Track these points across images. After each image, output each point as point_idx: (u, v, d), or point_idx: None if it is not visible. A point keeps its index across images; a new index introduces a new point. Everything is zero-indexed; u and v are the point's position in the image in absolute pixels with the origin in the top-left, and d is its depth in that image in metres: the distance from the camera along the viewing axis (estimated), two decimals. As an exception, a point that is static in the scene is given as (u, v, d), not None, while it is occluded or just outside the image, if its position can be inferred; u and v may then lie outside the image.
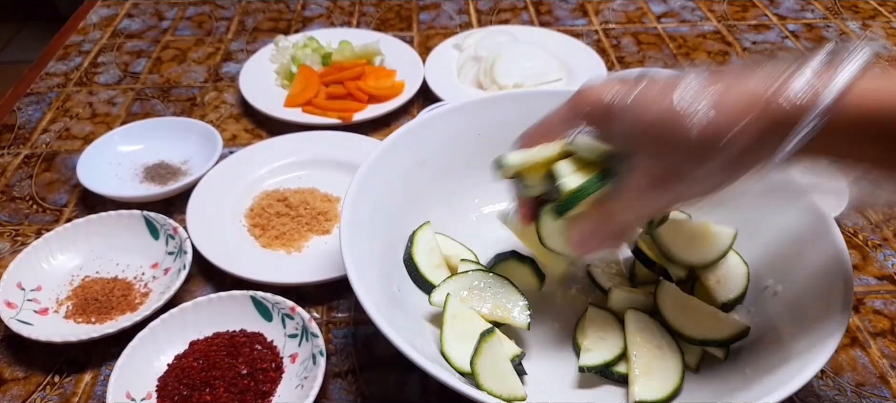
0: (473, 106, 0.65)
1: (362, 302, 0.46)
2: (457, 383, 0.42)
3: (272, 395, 0.53)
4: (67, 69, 0.98)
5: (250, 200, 0.72)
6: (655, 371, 0.51)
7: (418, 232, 0.59)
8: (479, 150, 0.65)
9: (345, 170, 0.75)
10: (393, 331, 0.44)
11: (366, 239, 0.53)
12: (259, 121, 0.86)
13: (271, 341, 0.56)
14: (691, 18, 1.10)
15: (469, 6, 1.15)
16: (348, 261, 0.49)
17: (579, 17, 1.11)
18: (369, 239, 0.54)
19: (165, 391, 0.52)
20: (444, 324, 0.52)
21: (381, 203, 0.58)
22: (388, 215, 0.58)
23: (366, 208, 0.55)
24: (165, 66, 0.99)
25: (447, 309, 0.53)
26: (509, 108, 0.64)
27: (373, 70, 0.92)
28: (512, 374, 0.49)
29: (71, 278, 0.63)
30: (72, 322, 0.59)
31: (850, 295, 0.47)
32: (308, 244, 0.67)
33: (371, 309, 0.45)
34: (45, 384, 0.56)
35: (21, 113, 0.89)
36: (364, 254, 0.52)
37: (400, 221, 0.59)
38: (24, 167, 0.80)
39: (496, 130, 0.64)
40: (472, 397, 0.42)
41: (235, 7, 1.15)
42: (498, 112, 0.65)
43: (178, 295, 0.60)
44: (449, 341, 0.51)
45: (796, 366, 0.44)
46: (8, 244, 0.69)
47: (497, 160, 0.50)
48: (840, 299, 0.46)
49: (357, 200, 0.55)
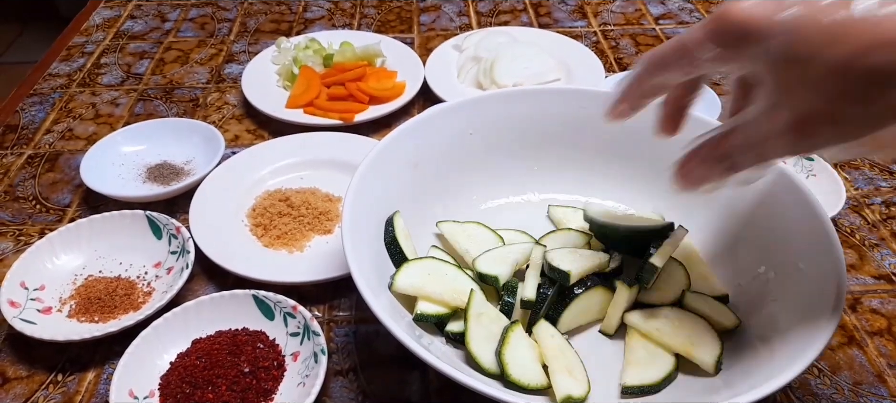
0: (468, 105, 0.66)
1: (369, 303, 0.46)
2: (471, 381, 0.42)
3: (274, 393, 0.53)
4: (70, 70, 0.99)
5: (252, 200, 0.73)
6: (646, 362, 0.52)
7: (394, 216, 0.59)
8: (476, 148, 0.66)
9: (346, 170, 0.76)
10: (404, 334, 0.44)
11: (366, 240, 0.54)
12: (261, 121, 0.87)
13: (273, 339, 0.57)
14: (689, 20, 1.11)
15: (469, 8, 1.15)
16: (352, 262, 0.49)
17: (578, 19, 1.11)
18: (370, 239, 0.55)
19: (168, 389, 0.53)
20: (468, 322, 0.52)
21: (382, 202, 0.58)
22: (388, 213, 0.59)
23: (364, 207, 0.55)
24: (168, 68, 0.99)
25: (472, 307, 0.52)
26: (502, 107, 0.66)
27: (374, 71, 0.92)
28: (537, 363, 0.50)
29: (74, 277, 0.64)
30: (75, 321, 0.59)
31: (842, 291, 0.47)
32: (310, 243, 0.68)
33: (378, 310, 0.45)
34: (48, 382, 0.56)
35: (24, 113, 0.89)
36: (365, 256, 0.52)
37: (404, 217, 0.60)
38: (28, 167, 0.80)
39: (490, 128, 0.66)
40: (481, 391, 0.41)
41: (237, 9, 1.15)
42: (492, 110, 0.66)
43: (181, 294, 0.61)
44: (476, 340, 0.51)
45: (785, 361, 0.44)
46: (11, 244, 0.69)
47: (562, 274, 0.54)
48: (832, 295, 0.47)
49: (356, 200, 0.55)
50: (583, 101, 0.65)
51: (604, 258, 0.56)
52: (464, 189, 0.66)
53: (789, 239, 0.54)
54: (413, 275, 0.54)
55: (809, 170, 0.72)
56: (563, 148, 0.67)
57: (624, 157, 0.66)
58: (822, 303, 0.46)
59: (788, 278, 0.52)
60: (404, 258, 0.56)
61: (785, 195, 0.55)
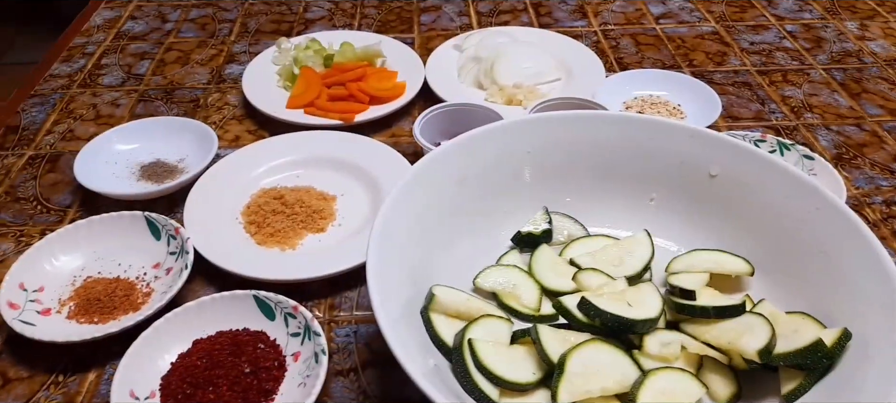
0: (520, 125, 0.62)
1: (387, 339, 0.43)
2: None
3: (275, 393, 0.53)
4: (71, 71, 0.99)
5: (247, 198, 0.73)
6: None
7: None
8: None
9: (342, 169, 0.76)
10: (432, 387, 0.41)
11: (395, 267, 0.51)
12: (261, 122, 0.87)
13: (274, 340, 0.57)
14: (690, 19, 1.11)
15: (469, 8, 1.15)
16: (374, 295, 0.45)
17: (578, 19, 1.11)
18: (398, 264, 0.51)
19: (169, 389, 0.53)
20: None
21: (414, 225, 0.55)
22: (419, 234, 0.55)
23: (395, 234, 0.52)
24: (169, 68, 0.99)
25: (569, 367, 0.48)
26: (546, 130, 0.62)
27: (374, 71, 0.92)
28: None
29: (73, 279, 0.64)
30: (74, 322, 0.59)
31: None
32: (302, 242, 0.68)
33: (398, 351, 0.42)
34: (49, 383, 0.56)
35: (25, 114, 0.90)
36: (392, 290, 0.48)
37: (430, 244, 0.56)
38: (29, 168, 0.80)
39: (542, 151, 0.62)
40: None
41: (238, 9, 1.15)
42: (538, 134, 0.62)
43: (181, 295, 0.61)
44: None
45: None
46: (12, 244, 0.69)
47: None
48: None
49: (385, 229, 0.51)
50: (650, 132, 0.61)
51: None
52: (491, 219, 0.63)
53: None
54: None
55: (810, 169, 0.72)
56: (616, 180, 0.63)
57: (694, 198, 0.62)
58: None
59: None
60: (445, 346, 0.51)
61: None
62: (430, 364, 0.48)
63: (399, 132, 0.86)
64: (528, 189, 0.63)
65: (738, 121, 0.87)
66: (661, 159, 0.62)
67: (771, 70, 0.97)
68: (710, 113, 0.82)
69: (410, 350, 0.45)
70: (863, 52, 1.02)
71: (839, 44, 1.04)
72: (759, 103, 0.90)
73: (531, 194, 0.63)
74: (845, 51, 1.02)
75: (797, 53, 1.02)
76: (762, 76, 0.96)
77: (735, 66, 0.98)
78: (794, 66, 0.98)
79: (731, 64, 0.99)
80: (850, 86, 0.94)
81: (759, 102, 0.90)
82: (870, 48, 1.03)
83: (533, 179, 0.63)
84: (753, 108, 0.89)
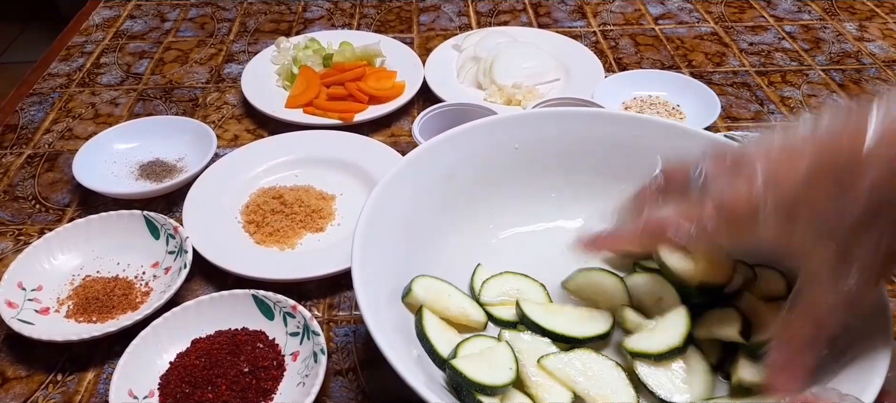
0: (509, 121, 0.62)
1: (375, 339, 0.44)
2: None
3: (274, 393, 0.53)
4: (70, 70, 0.99)
5: (246, 197, 0.73)
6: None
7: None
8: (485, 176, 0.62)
9: (341, 168, 0.76)
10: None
11: (380, 259, 0.51)
12: (260, 121, 0.87)
13: (273, 339, 0.57)
14: (689, 20, 1.11)
15: (468, 8, 1.15)
16: (360, 292, 0.46)
17: (577, 19, 1.11)
18: (383, 258, 0.52)
19: (168, 389, 0.53)
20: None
21: (400, 220, 0.55)
22: (405, 230, 0.56)
23: (382, 227, 0.53)
24: (168, 67, 0.99)
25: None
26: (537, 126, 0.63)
27: (373, 71, 0.92)
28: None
29: (71, 278, 0.64)
30: (73, 321, 0.59)
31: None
32: (301, 241, 0.68)
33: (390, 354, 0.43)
34: (47, 382, 0.56)
35: (24, 113, 0.89)
36: (378, 287, 0.49)
37: (419, 238, 0.57)
38: (27, 167, 0.80)
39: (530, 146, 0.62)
40: None
41: (237, 8, 1.15)
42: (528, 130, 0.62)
43: (180, 294, 0.61)
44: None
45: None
46: (11, 243, 0.69)
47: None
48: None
49: (372, 219, 0.52)
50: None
51: None
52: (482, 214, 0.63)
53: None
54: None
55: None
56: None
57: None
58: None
59: None
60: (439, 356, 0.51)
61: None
62: (414, 354, 0.49)
63: (398, 132, 0.86)
64: (515, 185, 0.63)
65: (737, 122, 0.87)
66: (652, 157, 0.61)
67: (770, 70, 0.98)
68: (709, 113, 0.83)
69: (399, 349, 0.45)
70: (861, 53, 1.02)
71: (838, 45, 1.04)
72: (758, 104, 0.90)
73: (519, 190, 0.63)
74: (844, 52, 1.02)
75: (796, 54, 1.02)
76: (761, 77, 0.96)
77: (734, 66, 0.99)
78: (792, 66, 0.99)
79: (730, 64, 0.99)
80: (848, 86, 0.94)
81: (758, 103, 0.91)
82: (868, 49, 1.03)
83: (520, 175, 0.63)
84: (752, 109, 0.89)
